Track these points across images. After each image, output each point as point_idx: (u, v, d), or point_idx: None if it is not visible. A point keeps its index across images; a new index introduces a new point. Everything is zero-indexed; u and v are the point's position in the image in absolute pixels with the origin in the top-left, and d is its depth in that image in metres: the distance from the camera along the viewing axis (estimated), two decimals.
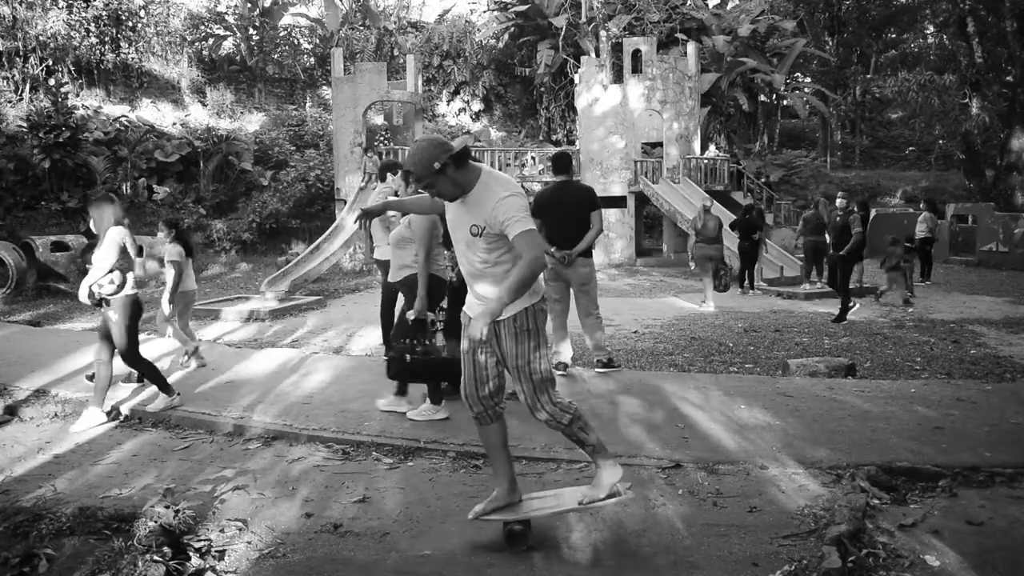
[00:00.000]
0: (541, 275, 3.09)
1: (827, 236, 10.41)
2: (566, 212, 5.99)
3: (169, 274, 6.66)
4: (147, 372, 5.33)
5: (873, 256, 15.38)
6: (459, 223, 3.11)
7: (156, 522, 2.98)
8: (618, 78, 20.59)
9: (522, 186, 20.18)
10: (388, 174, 6.56)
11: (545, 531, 3.33)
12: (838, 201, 10.07)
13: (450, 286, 5.19)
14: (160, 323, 7.14)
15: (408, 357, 4.34)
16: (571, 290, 6.21)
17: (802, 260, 13.62)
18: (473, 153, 3.37)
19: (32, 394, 5.84)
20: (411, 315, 4.59)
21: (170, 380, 5.61)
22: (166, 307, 6.61)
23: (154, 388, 5.48)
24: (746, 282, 13.31)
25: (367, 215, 3.53)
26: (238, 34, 28.59)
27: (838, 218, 9.83)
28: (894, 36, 36.76)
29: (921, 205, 16.12)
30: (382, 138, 22.84)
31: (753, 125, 29.98)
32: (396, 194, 5.65)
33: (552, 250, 5.96)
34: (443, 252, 5.08)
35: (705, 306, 11.05)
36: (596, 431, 3.26)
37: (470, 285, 3.19)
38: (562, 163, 6.17)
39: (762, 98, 30.00)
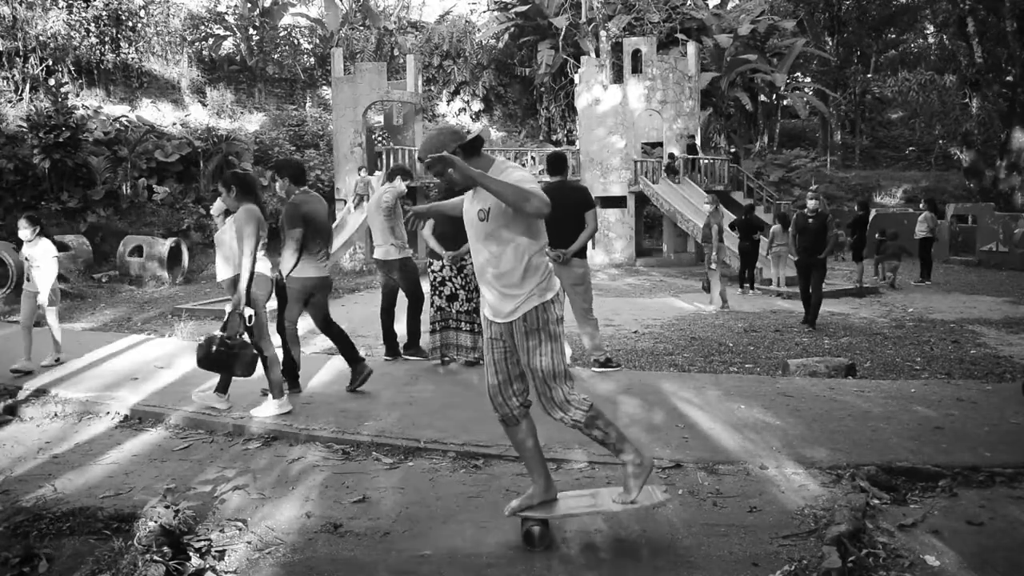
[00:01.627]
0: (555, 279, 3.19)
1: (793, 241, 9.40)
2: (561, 212, 5.97)
3: (53, 269, 6.73)
4: None
5: (871, 256, 15.39)
6: (470, 215, 3.15)
7: (156, 522, 2.98)
8: (618, 78, 20.59)
9: None
10: (397, 177, 6.74)
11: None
12: (809, 203, 9.15)
13: (276, 285, 5.41)
14: (32, 316, 6.90)
15: (213, 348, 4.79)
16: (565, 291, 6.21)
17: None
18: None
19: (32, 394, 5.84)
20: (229, 308, 4.89)
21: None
22: (47, 300, 6.73)
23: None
24: (746, 282, 13.31)
25: (418, 216, 3.57)
26: (238, 34, 28.61)
27: (811, 221, 8.94)
28: (894, 36, 36.77)
29: (921, 205, 16.11)
30: (380, 139, 22.78)
31: (753, 125, 29.98)
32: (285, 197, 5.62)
33: (546, 249, 5.97)
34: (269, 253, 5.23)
35: (710, 306, 11.05)
36: (621, 433, 3.21)
37: (483, 286, 3.20)
38: (557, 163, 6.18)
39: (762, 98, 30.00)
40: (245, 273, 4.86)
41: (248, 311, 4.88)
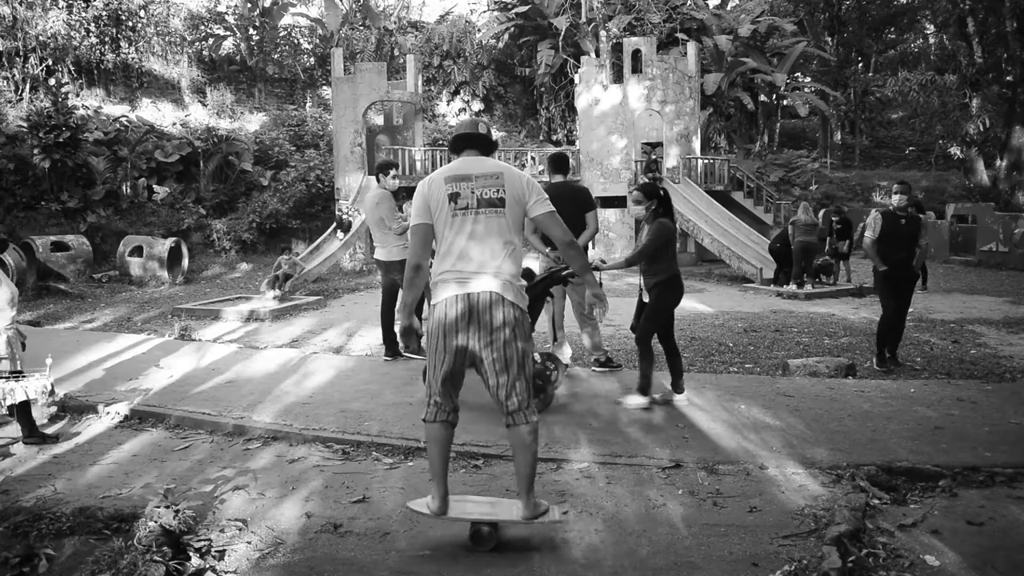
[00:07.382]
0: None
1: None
2: (562, 213, 5.99)
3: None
4: None
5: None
6: None
7: (156, 522, 2.98)
8: (618, 78, 20.58)
9: None
10: (380, 174, 6.84)
11: (545, 531, 3.33)
12: (896, 199, 6.71)
13: None
14: None
15: None
16: (566, 292, 6.21)
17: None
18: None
19: None
20: None
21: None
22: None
23: None
24: (781, 282, 13.29)
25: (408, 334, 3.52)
26: (238, 34, 28.59)
27: (903, 223, 6.58)
28: (894, 36, 36.75)
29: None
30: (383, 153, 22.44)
31: (754, 125, 29.98)
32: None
33: (547, 251, 5.98)
34: None
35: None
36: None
37: None
38: (559, 164, 6.20)
39: (762, 98, 29.99)
40: None
41: None
